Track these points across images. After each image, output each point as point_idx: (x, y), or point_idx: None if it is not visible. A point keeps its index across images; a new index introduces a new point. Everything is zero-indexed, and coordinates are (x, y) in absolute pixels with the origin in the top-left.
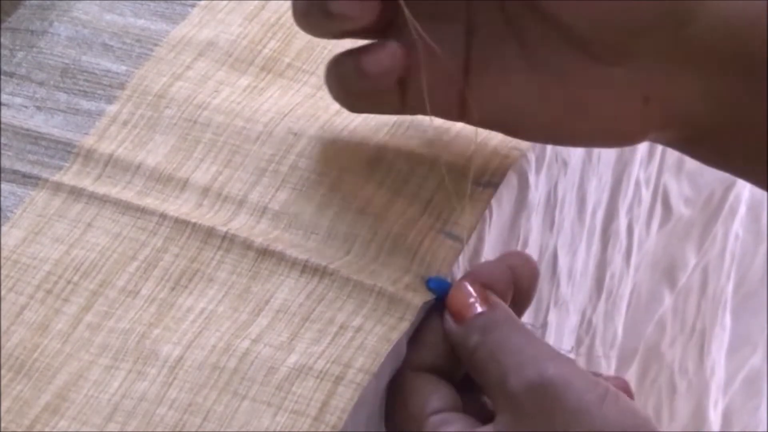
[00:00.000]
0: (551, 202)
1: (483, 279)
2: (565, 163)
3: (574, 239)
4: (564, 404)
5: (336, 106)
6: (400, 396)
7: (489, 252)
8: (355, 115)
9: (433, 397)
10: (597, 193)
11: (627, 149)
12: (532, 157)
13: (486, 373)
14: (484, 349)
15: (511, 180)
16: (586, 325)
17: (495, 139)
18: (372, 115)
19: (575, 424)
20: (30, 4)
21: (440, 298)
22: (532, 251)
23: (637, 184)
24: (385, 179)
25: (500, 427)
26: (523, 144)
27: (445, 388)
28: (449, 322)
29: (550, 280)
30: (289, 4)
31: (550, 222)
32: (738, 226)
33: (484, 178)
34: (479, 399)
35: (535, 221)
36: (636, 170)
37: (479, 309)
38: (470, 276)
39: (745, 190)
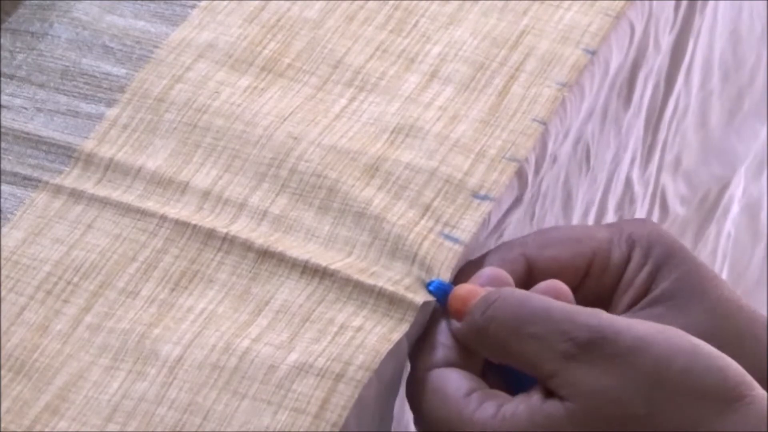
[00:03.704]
0: (533, 197)
1: (481, 281)
2: (554, 159)
3: None
4: (619, 348)
5: (335, 109)
6: (432, 388)
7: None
8: (354, 121)
9: (467, 381)
10: (590, 193)
11: (620, 147)
12: (532, 158)
13: (511, 348)
14: (498, 310)
15: (512, 182)
16: None
17: (492, 147)
18: (371, 121)
19: (637, 358)
20: (30, 4)
21: (441, 301)
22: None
23: (629, 182)
24: (384, 185)
25: (573, 399)
26: (521, 152)
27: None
28: (454, 322)
29: None
30: (288, 4)
31: (531, 215)
32: (730, 225)
33: (482, 192)
34: None
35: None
36: (626, 168)
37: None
38: (470, 279)
39: (738, 189)
